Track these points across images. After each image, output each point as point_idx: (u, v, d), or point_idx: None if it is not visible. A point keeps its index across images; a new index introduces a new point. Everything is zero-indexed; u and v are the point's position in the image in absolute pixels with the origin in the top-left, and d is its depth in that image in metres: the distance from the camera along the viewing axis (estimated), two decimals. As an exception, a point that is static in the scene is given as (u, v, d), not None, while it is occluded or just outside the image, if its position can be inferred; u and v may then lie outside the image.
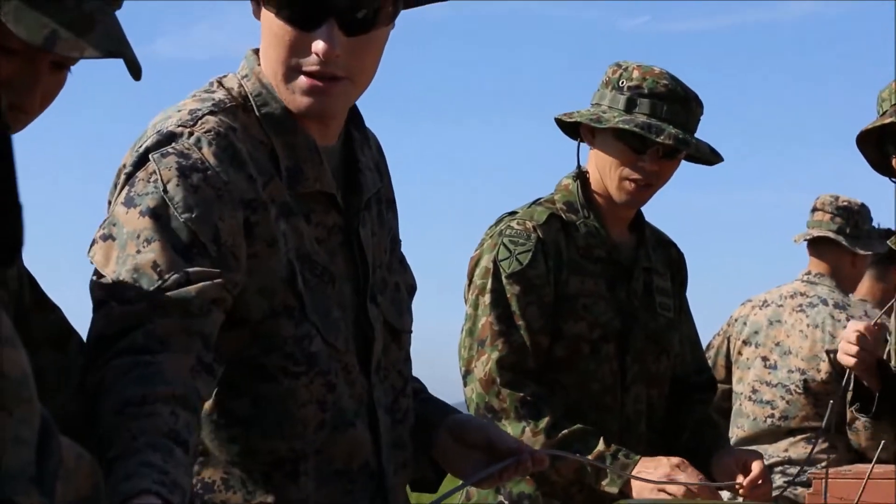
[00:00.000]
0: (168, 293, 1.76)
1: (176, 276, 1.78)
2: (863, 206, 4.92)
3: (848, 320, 4.60)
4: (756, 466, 3.02)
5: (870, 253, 4.88)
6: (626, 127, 3.02)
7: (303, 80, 1.93)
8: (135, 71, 1.66)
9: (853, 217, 4.87)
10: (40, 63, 1.61)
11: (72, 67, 1.68)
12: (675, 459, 2.96)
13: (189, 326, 1.76)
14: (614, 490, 2.97)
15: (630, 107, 3.07)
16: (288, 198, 1.95)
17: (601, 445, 2.98)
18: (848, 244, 4.82)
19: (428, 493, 2.27)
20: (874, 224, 4.95)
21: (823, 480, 3.31)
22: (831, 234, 4.83)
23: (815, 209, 4.92)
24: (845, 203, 4.89)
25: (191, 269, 1.79)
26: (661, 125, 3.02)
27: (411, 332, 2.16)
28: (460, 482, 2.13)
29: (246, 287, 1.88)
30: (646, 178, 3.08)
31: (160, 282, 1.77)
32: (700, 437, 3.18)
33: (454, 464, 2.14)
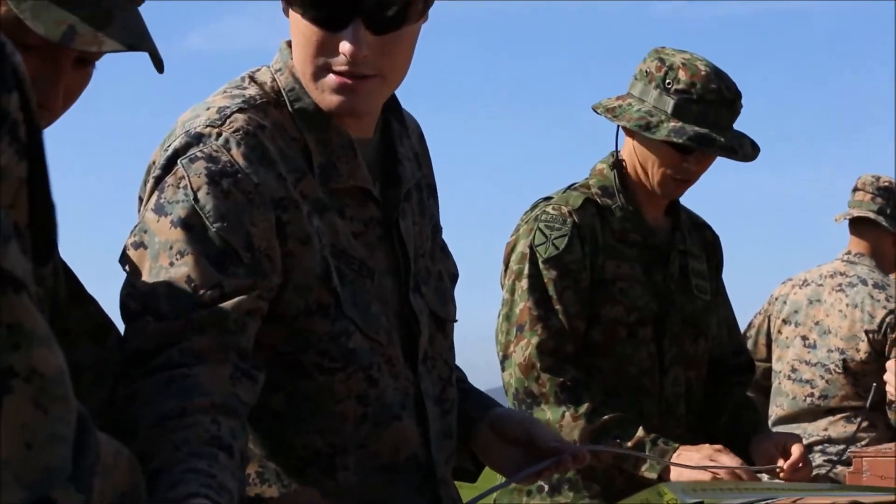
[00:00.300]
0: (204, 310, 1.76)
1: (210, 292, 1.77)
2: None
3: (888, 301, 4.59)
4: (796, 450, 3.02)
5: None
6: (680, 141, 3.00)
7: (332, 79, 1.90)
8: (158, 63, 1.65)
9: (894, 197, 4.84)
10: (62, 59, 1.60)
11: (98, 64, 1.67)
12: (716, 446, 2.96)
13: (225, 342, 1.75)
14: (654, 476, 2.96)
15: (678, 113, 3.03)
16: (321, 194, 1.93)
17: (640, 433, 2.98)
18: (888, 224, 4.80)
19: (467, 482, 2.27)
20: None
21: (864, 459, 3.30)
22: (871, 215, 4.81)
23: (856, 189, 4.90)
24: (886, 183, 4.87)
25: (226, 283, 1.78)
26: (713, 136, 3.01)
27: (456, 320, 2.15)
28: (497, 476, 2.13)
29: (283, 286, 1.87)
30: (689, 176, 3.09)
31: (195, 297, 1.76)
32: (739, 421, 3.18)
33: (494, 459, 2.14)
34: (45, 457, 0.85)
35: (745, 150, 3.07)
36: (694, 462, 2.90)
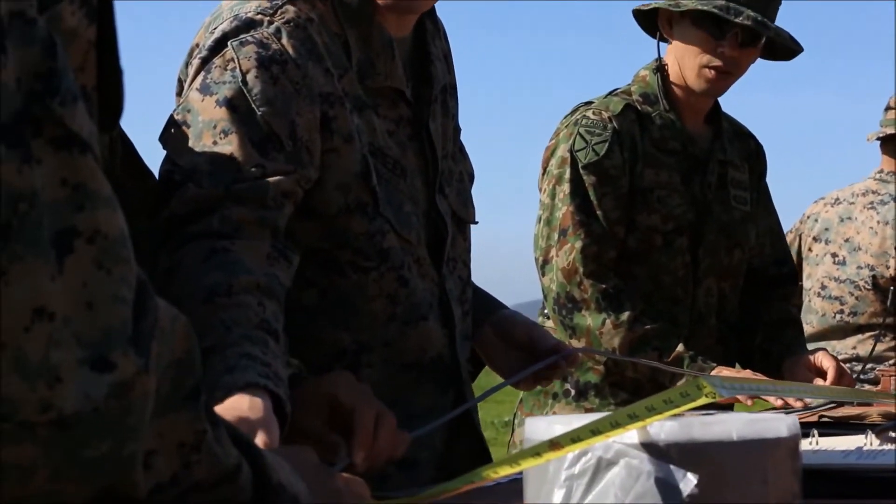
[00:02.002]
0: (244, 183, 1.76)
1: (252, 168, 1.77)
2: None
3: None
4: (830, 365, 2.99)
5: None
6: (705, 7, 2.97)
7: None
8: None
9: None
10: None
11: None
12: (757, 375, 2.94)
13: (262, 217, 1.75)
14: None
15: None
16: (360, 91, 1.93)
17: (680, 348, 2.97)
18: None
19: None
20: None
21: (892, 378, 3.31)
22: None
23: (888, 108, 4.86)
24: None
25: (267, 165, 1.78)
26: (740, 7, 2.97)
27: (476, 222, 2.16)
28: (494, 375, 2.14)
29: (324, 182, 1.87)
30: (725, 64, 3.03)
31: (237, 172, 1.77)
32: (776, 339, 3.14)
33: (495, 360, 2.15)
34: (105, 317, 0.86)
35: (780, 33, 3.02)
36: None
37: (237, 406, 1.49)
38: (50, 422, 0.83)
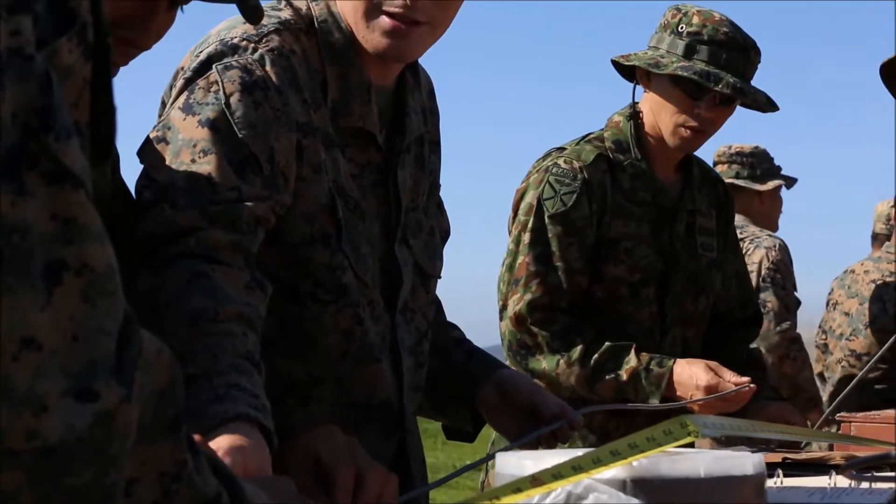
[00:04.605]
0: (219, 206, 1.77)
1: (228, 192, 1.78)
2: (757, 148, 5.15)
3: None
4: (795, 423, 3.01)
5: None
6: (685, 74, 3.01)
7: (384, 21, 1.91)
8: (250, 14, 1.67)
9: (747, 158, 5.11)
10: (159, 2, 1.63)
11: (184, 8, 1.69)
12: (711, 362, 2.99)
13: (237, 242, 1.76)
14: (656, 401, 2.99)
15: (689, 53, 3.05)
16: (330, 129, 1.95)
17: (633, 361, 3.01)
18: (753, 184, 5.07)
19: (464, 442, 2.31)
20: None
21: (852, 424, 3.33)
22: (737, 181, 5.01)
23: (715, 164, 5.07)
24: (737, 149, 5.13)
25: (244, 188, 1.79)
26: (720, 73, 3.01)
27: (440, 277, 2.16)
28: (495, 434, 2.14)
29: (291, 209, 1.88)
30: (701, 125, 3.07)
31: (213, 194, 1.77)
32: None
33: (497, 421, 2.17)
34: (90, 349, 0.87)
35: (757, 97, 3.06)
36: (692, 384, 2.94)
37: (233, 437, 1.49)
38: (35, 450, 0.85)
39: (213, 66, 1.86)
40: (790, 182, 5.22)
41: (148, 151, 1.83)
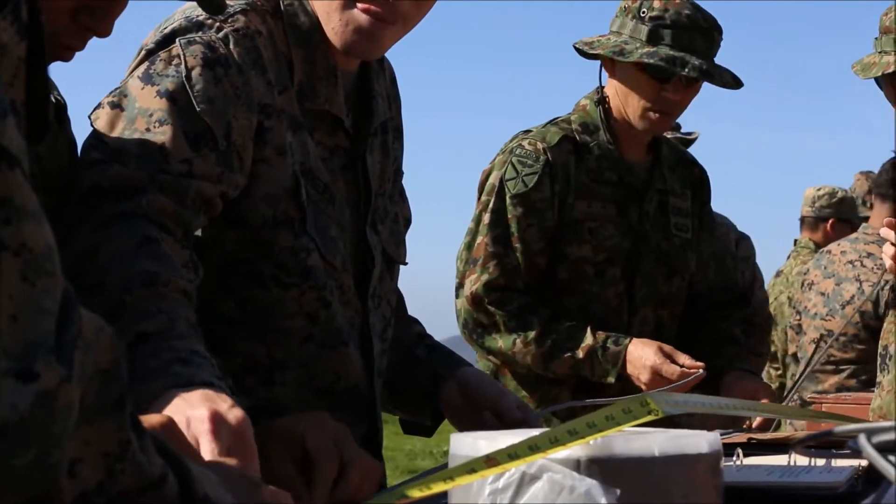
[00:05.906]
0: (169, 175, 1.75)
1: (180, 165, 1.77)
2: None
3: None
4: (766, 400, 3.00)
5: None
6: (651, 61, 3.01)
7: (361, 17, 1.91)
8: (209, 4, 1.67)
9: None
10: None
11: None
12: (665, 346, 3.00)
13: (180, 214, 1.74)
14: (612, 380, 3.02)
15: (652, 38, 3.05)
16: (297, 111, 1.94)
17: (589, 339, 3.04)
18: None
19: (422, 436, 2.30)
20: None
21: (822, 405, 3.35)
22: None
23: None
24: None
25: (196, 163, 1.78)
26: (685, 57, 3.01)
27: (406, 263, 2.17)
28: (452, 429, 2.15)
29: (252, 191, 1.88)
30: (668, 107, 3.08)
31: (164, 163, 1.76)
32: (714, 355, 3.08)
33: (460, 420, 2.16)
34: (30, 329, 0.86)
35: (723, 76, 3.06)
36: (641, 363, 2.97)
37: (210, 397, 1.45)
38: None
39: (177, 39, 1.86)
40: None
41: (101, 114, 1.82)
